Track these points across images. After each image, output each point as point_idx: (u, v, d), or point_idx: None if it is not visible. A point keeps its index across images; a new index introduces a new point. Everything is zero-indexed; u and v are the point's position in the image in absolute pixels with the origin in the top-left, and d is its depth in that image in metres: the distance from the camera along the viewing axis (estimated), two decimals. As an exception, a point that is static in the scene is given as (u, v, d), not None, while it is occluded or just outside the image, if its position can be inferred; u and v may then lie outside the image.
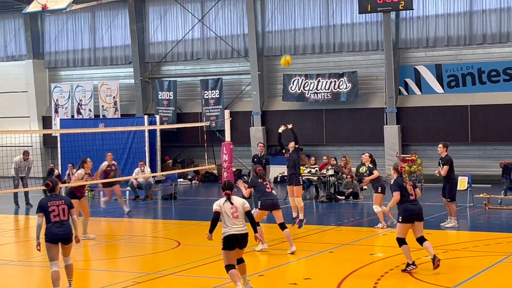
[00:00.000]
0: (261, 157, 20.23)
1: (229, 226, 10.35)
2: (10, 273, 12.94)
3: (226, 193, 10.50)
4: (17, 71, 33.53)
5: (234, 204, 10.44)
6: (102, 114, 31.13)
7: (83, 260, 14.17)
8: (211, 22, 30.18)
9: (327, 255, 13.74)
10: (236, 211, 10.40)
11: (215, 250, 13.70)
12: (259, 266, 12.73)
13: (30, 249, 15.77)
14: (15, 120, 32.87)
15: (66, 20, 32.74)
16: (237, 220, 10.36)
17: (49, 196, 10.83)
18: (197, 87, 30.57)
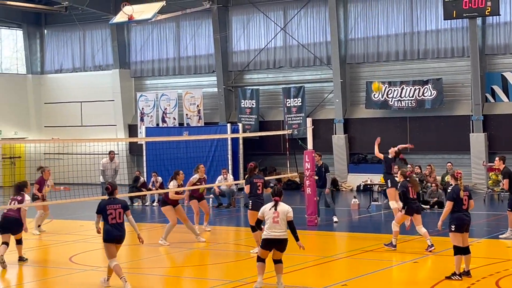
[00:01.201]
0: (320, 166, 19.70)
1: (268, 229, 11.16)
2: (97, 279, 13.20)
3: (275, 199, 11.22)
4: (104, 81, 34.34)
5: (277, 210, 11.13)
6: (186, 123, 31.54)
7: (169, 267, 14.35)
8: (294, 30, 30.21)
9: (412, 265, 13.53)
10: (278, 216, 11.09)
11: (299, 258, 13.70)
12: (342, 276, 12.64)
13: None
14: (102, 129, 33.64)
15: (151, 30, 33.34)
16: (277, 224, 11.08)
17: (108, 199, 11.98)
18: (279, 95, 30.64)
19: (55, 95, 35.77)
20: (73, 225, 20.16)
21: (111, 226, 11.77)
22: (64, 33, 35.87)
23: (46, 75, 36.40)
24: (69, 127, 34.81)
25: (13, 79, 35.86)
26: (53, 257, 15.71)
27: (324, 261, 14.13)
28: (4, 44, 36.54)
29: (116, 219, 11.79)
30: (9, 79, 35.50)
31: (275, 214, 11.09)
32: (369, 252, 14.84)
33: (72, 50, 35.68)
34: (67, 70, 35.86)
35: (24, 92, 35.91)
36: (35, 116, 35.99)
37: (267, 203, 11.43)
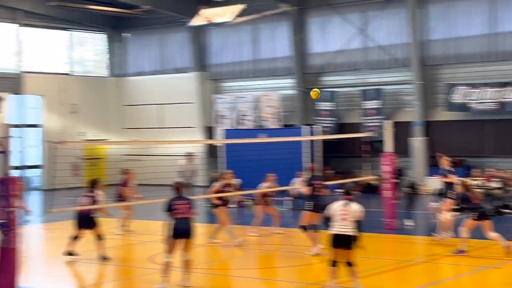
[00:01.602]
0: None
1: (335, 226, 11.26)
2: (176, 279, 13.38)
3: (347, 197, 11.40)
4: (183, 83, 34.79)
5: (347, 208, 11.27)
6: (263, 125, 31.66)
7: (243, 269, 14.43)
8: (372, 31, 29.97)
9: (494, 270, 13.25)
10: (347, 213, 11.21)
11: (376, 262, 13.60)
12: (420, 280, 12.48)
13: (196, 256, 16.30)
14: (182, 130, 34.07)
15: (229, 33, 33.59)
16: (345, 221, 11.18)
17: (175, 197, 12.27)
18: (356, 97, 30.45)
19: (135, 98, 36.44)
20: (153, 225, 20.46)
21: (177, 221, 12.01)
22: (144, 37, 36.52)
23: (126, 77, 37.13)
24: (148, 129, 35.40)
25: (96, 81, 36.70)
26: (134, 256, 16.01)
27: (402, 265, 13.98)
28: (87, 47, 37.44)
29: (184, 213, 12.04)
30: (91, 82, 36.34)
31: (344, 212, 11.22)
32: (449, 257, 14.59)
33: (152, 53, 36.29)
34: (147, 73, 36.48)
35: (105, 94, 36.71)
36: (115, 118, 36.73)
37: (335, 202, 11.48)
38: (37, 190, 33.12)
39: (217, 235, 16.89)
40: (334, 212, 11.34)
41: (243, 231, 17.91)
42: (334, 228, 11.27)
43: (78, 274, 14.15)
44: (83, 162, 34.66)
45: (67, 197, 17.38)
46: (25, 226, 17.96)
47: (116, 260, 15.57)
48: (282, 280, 13.28)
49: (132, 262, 15.28)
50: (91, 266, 14.75)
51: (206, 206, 25.25)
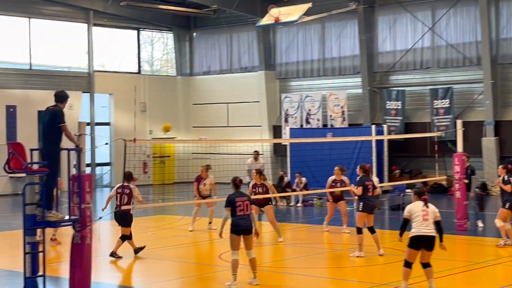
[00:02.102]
0: (466, 168, 19.06)
1: (417, 227, 11.06)
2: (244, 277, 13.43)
3: (424, 198, 11.25)
4: (250, 82, 34.90)
5: (427, 209, 11.16)
6: (330, 124, 31.53)
7: (311, 268, 14.39)
8: (442, 30, 29.51)
9: None
10: (427, 214, 11.09)
11: (448, 263, 13.37)
12: (492, 283, 12.22)
13: (262, 255, 16.34)
14: (247, 129, 34.20)
15: (296, 32, 33.56)
16: (426, 222, 11.04)
17: (236, 193, 12.42)
18: (426, 96, 30.02)
19: (202, 96, 36.73)
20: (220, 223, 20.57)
21: (238, 218, 12.14)
22: (212, 36, 36.77)
23: (194, 76, 37.45)
24: (216, 127, 35.64)
25: (164, 80, 37.13)
26: (203, 254, 16.12)
27: (474, 267, 13.72)
28: (155, 46, 37.94)
29: (244, 210, 12.20)
30: (159, 81, 36.78)
31: (424, 212, 11.11)
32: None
33: (220, 52, 36.51)
34: (215, 72, 36.72)
35: (173, 93, 37.11)
36: (183, 116, 37.09)
37: (414, 203, 11.27)
38: (107, 187, 33.75)
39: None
40: (413, 214, 11.19)
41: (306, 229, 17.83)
42: (415, 229, 11.11)
43: (147, 270, 14.33)
44: (152, 160, 35.12)
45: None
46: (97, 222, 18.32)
47: (186, 258, 15.72)
48: (352, 280, 13.18)
49: (202, 260, 15.38)
50: (161, 263, 14.92)
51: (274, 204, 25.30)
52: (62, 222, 11.47)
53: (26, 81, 31.32)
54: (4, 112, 30.45)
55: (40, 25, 32.66)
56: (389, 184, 26.84)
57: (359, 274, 13.75)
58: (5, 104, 30.51)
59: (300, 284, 12.81)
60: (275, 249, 17.10)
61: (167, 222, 21.27)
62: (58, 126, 11.10)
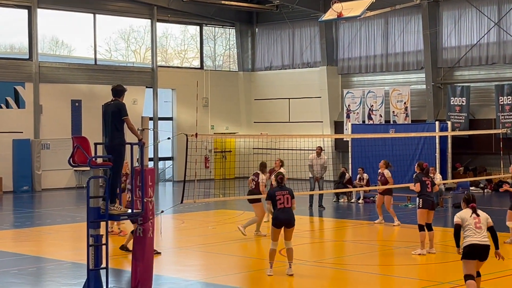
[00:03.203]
0: None
1: (470, 236, 10.24)
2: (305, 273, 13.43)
3: (472, 206, 10.44)
4: (312, 77, 34.78)
5: (479, 215, 10.39)
6: (392, 120, 31.20)
7: (373, 265, 14.29)
8: (508, 25, 28.89)
9: None
10: (479, 221, 10.32)
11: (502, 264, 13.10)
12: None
13: (323, 250, 16.30)
14: (308, 125, 34.10)
15: (359, 27, 33.30)
16: (480, 230, 10.26)
17: (277, 187, 13.01)
18: (491, 92, 29.44)
19: (264, 92, 36.78)
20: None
21: (279, 211, 12.65)
22: (274, 31, 36.77)
23: (256, 72, 37.51)
24: (277, 123, 35.65)
25: (226, 76, 37.29)
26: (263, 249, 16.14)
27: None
28: (217, 42, 38.13)
29: (284, 204, 12.64)
30: (222, 76, 36.96)
31: (476, 220, 10.30)
32: None
33: (282, 48, 36.49)
34: (276, 67, 36.72)
35: (235, 88, 37.25)
36: (245, 112, 37.21)
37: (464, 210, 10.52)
38: (169, 181, 34.12)
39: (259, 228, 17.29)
40: (465, 221, 10.36)
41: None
42: (469, 238, 10.24)
43: (208, 264, 14.45)
44: (214, 155, 35.35)
45: (198, 189, 17.74)
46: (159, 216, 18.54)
47: (246, 252, 15.79)
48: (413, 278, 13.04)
49: (262, 255, 15.42)
50: (221, 257, 15.01)
51: (335, 201, 25.23)
52: (125, 216, 11.63)
53: (91, 76, 31.85)
54: (70, 106, 31.05)
55: (105, 21, 33.17)
56: (453, 181, 26.46)
57: (423, 273, 13.59)
58: (70, 99, 31.10)
59: (354, 280, 12.76)
60: (335, 246, 17.06)
61: (228, 217, 21.39)
62: (122, 119, 11.20)
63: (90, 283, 10.75)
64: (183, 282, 12.59)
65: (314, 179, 23.39)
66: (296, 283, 12.63)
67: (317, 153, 23.72)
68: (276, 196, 12.70)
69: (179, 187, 14.53)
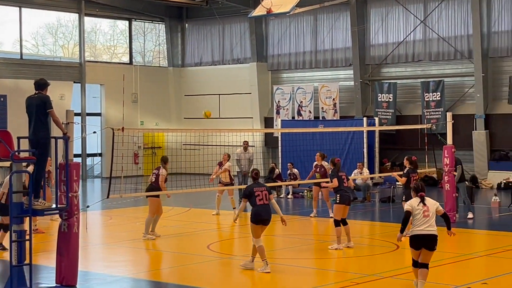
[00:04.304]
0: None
1: (417, 225, 10.59)
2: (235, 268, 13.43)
3: (421, 195, 10.74)
4: (242, 73, 34.84)
5: (426, 205, 10.69)
6: (321, 116, 31.51)
7: (301, 259, 14.38)
8: (434, 23, 29.50)
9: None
10: (428, 210, 10.63)
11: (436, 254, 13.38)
12: (482, 274, 12.26)
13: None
14: (238, 121, 34.13)
15: (289, 24, 33.50)
16: (427, 218, 10.57)
17: (254, 183, 12.74)
18: (417, 89, 30.03)
19: (194, 88, 36.66)
20: (209, 214, 20.59)
21: (259, 208, 12.35)
22: (204, 27, 36.68)
23: (186, 68, 37.36)
24: (207, 119, 35.50)
25: (155, 71, 37.03)
26: (192, 244, 16.09)
27: (463, 258, 13.75)
28: (147, 37, 37.82)
29: (264, 200, 12.39)
30: (151, 72, 36.67)
31: (424, 208, 10.61)
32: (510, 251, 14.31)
33: (212, 44, 36.43)
34: (207, 63, 36.65)
35: (165, 84, 37.03)
36: (175, 108, 37.03)
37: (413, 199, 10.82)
38: (98, 178, 33.68)
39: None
40: (414, 210, 10.61)
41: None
42: (415, 228, 10.56)
43: (135, 260, 14.31)
44: (143, 150, 35.07)
45: (125, 184, 17.58)
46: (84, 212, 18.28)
47: (174, 248, 15.70)
48: (342, 271, 13.18)
49: (190, 250, 15.36)
50: (149, 253, 14.90)
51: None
52: (49, 211, 11.42)
53: (16, 71, 31.15)
54: (-6, 101, 30.34)
55: (32, 15, 32.50)
56: (380, 176, 26.85)
57: (351, 265, 13.74)
58: (-5, 94, 30.39)
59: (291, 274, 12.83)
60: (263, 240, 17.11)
61: (157, 213, 21.17)
62: (46, 112, 11.01)
63: (13, 280, 10.52)
64: (110, 278, 12.43)
65: (242, 174, 23.45)
66: (222, 277, 12.63)
67: (244, 147, 23.79)
68: (255, 192, 12.42)
69: (108, 183, 14.34)
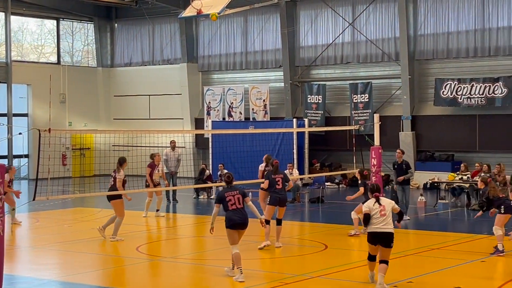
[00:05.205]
0: (400, 163, 19.71)
1: (374, 224, 11.09)
2: (163, 269, 13.37)
3: (376, 195, 11.24)
4: (172, 74, 34.68)
5: (382, 204, 11.19)
6: (252, 117, 31.64)
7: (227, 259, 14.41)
8: (362, 25, 29.97)
9: (479, 264, 13.30)
10: (384, 209, 11.13)
11: (363, 254, 13.61)
12: (408, 273, 12.51)
13: (181, 247, 16.27)
14: (169, 122, 34.00)
15: (219, 25, 33.51)
16: (384, 217, 11.07)
17: (226, 188, 12.25)
18: (346, 91, 30.45)
19: (124, 88, 36.33)
20: (138, 215, 20.43)
21: (232, 212, 11.99)
22: (133, 27, 36.38)
23: (115, 68, 36.99)
24: (137, 119, 35.31)
25: (84, 71, 36.55)
26: (120, 246, 15.95)
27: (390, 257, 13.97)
28: (76, 37, 37.29)
29: (236, 204, 12.03)
30: (80, 72, 36.18)
31: (381, 208, 11.11)
32: (435, 250, 14.65)
33: (142, 44, 36.17)
34: (136, 64, 36.36)
35: (94, 85, 36.57)
36: (104, 108, 36.62)
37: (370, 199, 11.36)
38: (25, 180, 33.03)
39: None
40: (371, 210, 11.13)
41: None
42: (372, 226, 11.10)
43: (63, 263, 14.10)
44: (71, 151, 34.57)
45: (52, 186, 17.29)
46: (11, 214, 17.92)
47: (103, 250, 15.52)
48: (272, 272, 13.26)
49: (119, 252, 15.22)
50: (78, 256, 14.71)
51: (195, 197, 25.27)
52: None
53: None
54: None
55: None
56: (309, 177, 27.11)
57: (280, 266, 13.83)
58: None
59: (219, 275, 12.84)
60: (193, 241, 17.08)
61: (85, 215, 20.97)
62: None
63: None
64: (37, 281, 12.21)
65: (170, 174, 23.35)
66: (151, 279, 12.57)
67: (172, 147, 23.72)
68: (226, 197, 12.04)
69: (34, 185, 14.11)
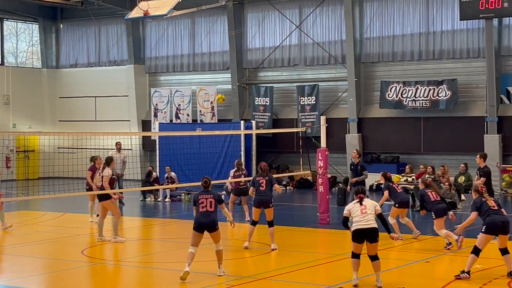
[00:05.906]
0: (356, 164, 20.15)
1: (357, 222, 11.40)
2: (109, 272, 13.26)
3: (360, 196, 11.65)
4: (119, 76, 34.39)
5: (363, 204, 11.56)
6: (199, 119, 31.57)
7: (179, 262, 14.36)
8: (309, 28, 30.16)
9: (423, 265, 13.49)
10: (365, 208, 11.49)
11: (310, 255, 13.70)
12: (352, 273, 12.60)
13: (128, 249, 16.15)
14: (116, 124, 33.71)
15: (166, 26, 33.37)
16: (365, 215, 11.40)
17: (202, 191, 12.58)
18: (293, 93, 30.60)
19: (69, 90, 35.88)
20: (83, 218, 20.19)
21: (200, 214, 12.31)
22: (79, 28, 35.98)
23: (61, 69, 36.51)
24: (83, 121, 34.92)
25: (28, 73, 36.00)
26: (65, 250, 15.75)
27: (335, 259, 14.11)
28: (20, 38, 36.70)
29: (207, 207, 12.32)
30: (24, 73, 35.63)
31: (362, 207, 11.50)
32: (380, 251, 14.72)
33: (88, 45, 35.79)
34: (82, 65, 35.96)
35: (39, 86, 36.05)
36: (49, 110, 36.14)
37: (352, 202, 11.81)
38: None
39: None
40: (351, 211, 11.56)
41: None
42: (355, 224, 11.44)
43: (7, 267, 13.87)
44: (15, 154, 34.02)
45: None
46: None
47: (48, 254, 15.32)
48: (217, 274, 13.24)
49: (63, 255, 15.02)
50: (22, 259, 14.47)
51: (142, 200, 25.11)
52: None
53: None
54: None
55: None
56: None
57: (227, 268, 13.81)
58: None
59: (167, 279, 12.78)
60: (140, 244, 16.97)
61: (29, 218, 20.65)
62: None
63: None
64: (-22, 287, 11.99)
65: (116, 176, 23.09)
66: (95, 282, 12.45)
67: (117, 149, 23.53)
68: (199, 200, 12.42)
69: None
